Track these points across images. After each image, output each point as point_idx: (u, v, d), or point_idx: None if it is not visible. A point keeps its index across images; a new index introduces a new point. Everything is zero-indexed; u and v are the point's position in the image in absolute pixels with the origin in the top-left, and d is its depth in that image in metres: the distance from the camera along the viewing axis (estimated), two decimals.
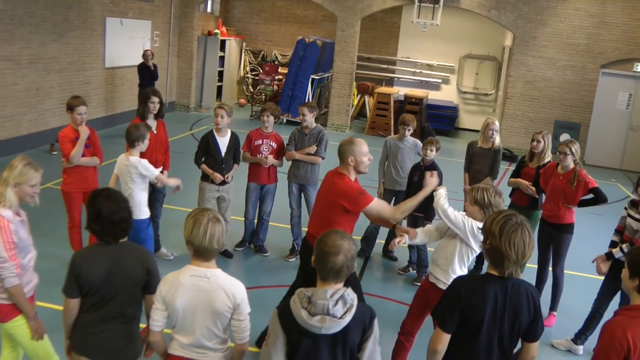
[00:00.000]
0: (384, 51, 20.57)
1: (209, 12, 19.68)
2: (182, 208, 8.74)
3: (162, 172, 7.24)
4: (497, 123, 7.92)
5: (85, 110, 6.72)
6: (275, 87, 19.20)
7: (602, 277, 6.33)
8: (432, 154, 7.52)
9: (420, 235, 5.17)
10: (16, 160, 4.14)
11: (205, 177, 7.53)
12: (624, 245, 5.91)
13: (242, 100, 20.85)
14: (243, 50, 21.61)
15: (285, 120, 18.06)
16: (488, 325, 3.43)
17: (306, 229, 5.49)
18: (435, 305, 3.62)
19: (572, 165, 6.74)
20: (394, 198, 8.09)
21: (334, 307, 3.08)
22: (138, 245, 3.87)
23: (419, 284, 7.30)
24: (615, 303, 6.21)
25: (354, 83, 18.57)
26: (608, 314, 6.28)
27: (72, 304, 3.73)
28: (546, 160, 7.33)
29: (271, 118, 7.73)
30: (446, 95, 20.23)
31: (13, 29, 11.47)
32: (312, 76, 17.97)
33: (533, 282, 7.29)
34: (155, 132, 7.17)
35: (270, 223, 8.12)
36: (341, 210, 5.01)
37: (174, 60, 18.30)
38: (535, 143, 7.43)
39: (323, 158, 7.80)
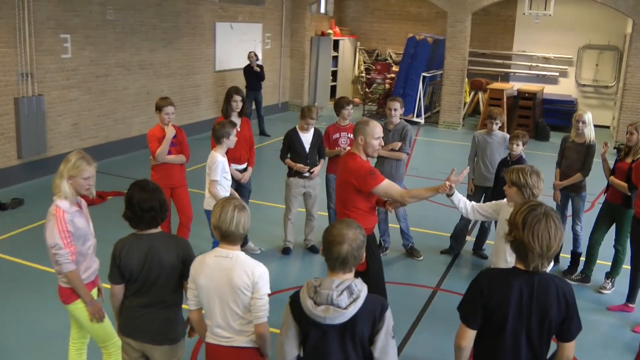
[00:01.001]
0: (499, 46, 20.10)
1: (323, 12, 20.02)
2: (270, 203, 9.08)
3: (246, 168, 7.60)
4: (587, 115, 7.54)
5: (172, 111, 7.10)
6: (387, 86, 19.27)
7: None
8: (518, 149, 7.38)
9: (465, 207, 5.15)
10: (72, 154, 4.43)
11: (291, 173, 7.80)
12: None
13: (357, 100, 21.02)
14: (357, 49, 21.83)
15: None
16: (514, 321, 3.29)
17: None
18: (461, 299, 3.52)
19: None
20: (484, 195, 8.00)
21: (338, 297, 3.10)
22: (175, 235, 4.13)
23: None
24: None
25: (466, 80, 18.31)
26: None
27: (116, 289, 4.06)
28: None
29: (352, 111, 7.92)
30: (564, 89, 19.46)
31: (124, 37, 12.37)
32: (424, 74, 17.88)
33: (625, 284, 7.04)
34: (239, 129, 7.50)
35: None
36: (353, 189, 5.10)
37: (287, 61, 18.82)
38: (628, 135, 7.08)
39: (408, 154, 7.84)
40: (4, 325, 6.07)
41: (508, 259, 4.68)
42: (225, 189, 6.70)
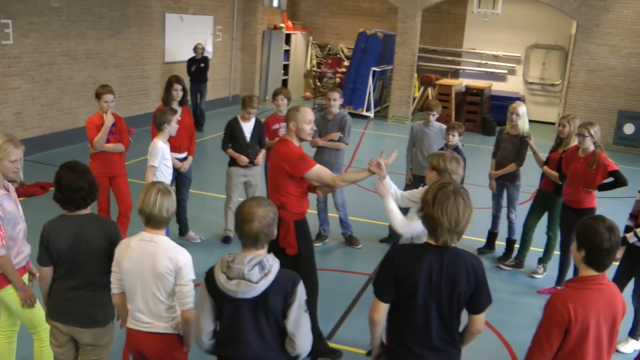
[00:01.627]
0: (449, 43, 20.39)
1: (276, 6, 20.02)
2: (211, 193, 9.10)
3: (186, 157, 7.59)
4: (521, 108, 7.75)
5: (112, 99, 7.05)
6: (338, 80, 19.39)
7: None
8: (454, 139, 7.53)
9: (395, 193, 5.15)
10: None
11: (232, 163, 7.82)
12: (638, 230, 5.74)
13: (307, 94, 21.15)
14: (310, 44, 21.90)
15: (347, 113, 18.18)
16: (424, 294, 3.38)
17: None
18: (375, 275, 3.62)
19: (592, 148, 6.60)
20: (422, 184, 8.13)
21: (249, 271, 3.17)
22: (103, 217, 4.12)
23: None
24: (629, 289, 6.10)
25: (416, 75, 18.53)
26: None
27: (44, 272, 4.04)
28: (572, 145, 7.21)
29: (285, 101, 7.97)
30: (512, 86, 19.86)
31: (69, 25, 12.18)
32: (374, 68, 18.05)
33: (556, 268, 7.25)
34: (179, 118, 7.49)
35: None
36: (285, 174, 5.16)
37: (238, 54, 18.79)
38: (561, 128, 7.31)
39: (347, 144, 7.93)
40: None
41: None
42: (164, 175, 6.67)
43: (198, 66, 14.74)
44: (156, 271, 3.66)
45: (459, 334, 3.56)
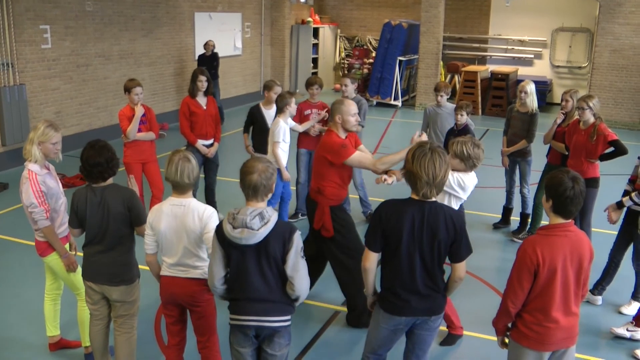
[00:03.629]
0: (475, 30, 20.61)
1: (303, 1, 20.47)
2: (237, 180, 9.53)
3: (212, 144, 8.11)
4: (529, 86, 8.04)
5: (140, 91, 7.56)
6: (366, 71, 19.77)
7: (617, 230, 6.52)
8: (463, 118, 7.81)
9: None
10: (40, 122, 5.00)
11: (255, 149, 8.26)
12: (633, 194, 6.00)
13: (337, 86, 21.54)
14: (338, 37, 22.32)
15: (375, 103, 18.62)
16: (407, 243, 3.80)
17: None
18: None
19: (592, 120, 6.86)
20: None
21: (251, 220, 3.64)
22: (123, 187, 4.62)
23: None
24: (630, 252, 6.37)
25: (441, 63, 18.81)
26: (623, 264, 6.54)
27: (74, 232, 4.67)
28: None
29: (319, 90, 8.42)
30: (539, 70, 19.98)
31: (103, 28, 12.87)
32: (400, 58, 18.38)
33: None
34: (205, 107, 8.01)
35: None
36: (327, 163, 5.56)
37: (267, 49, 19.32)
38: (564, 103, 7.60)
39: (362, 126, 8.33)
40: None
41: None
42: (284, 151, 7.57)
43: (211, 64, 14.67)
44: (188, 229, 4.22)
45: (442, 281, 4.00)
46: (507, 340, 4.04)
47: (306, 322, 6.10)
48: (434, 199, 3.86)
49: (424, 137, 5.51)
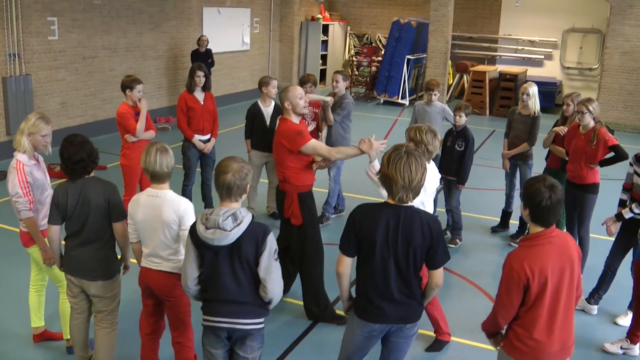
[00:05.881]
0: (485, 29, 20.49)
1: None
2: None
3: (209, 139, 8.08)
4: (532, 89, 7.96)
5: (142, 87, 7.39)
6: (374, 69, 19.71)
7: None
8: (461, 120, 7.73)
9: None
10: (31, 114, 5.01)
11: (253, 146, 8.24)
12: (633, 205, 5.86)
13: (346, 83, 21.48)
14: (347, 34, 22.26)
15: (382, 101, 18.57)
16: (381, 249, 3.69)
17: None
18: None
19: (592, 124, 6.72)
20: None
21: (223, 221, 3.59)
22: (103, 180, 4.60)
23: (454, 245, 7.69)
24: (627, 261, 6.19)
25: (450, 62, 18.71)
26: (620, 273, 6.42)
27: (53, 230, 4.59)
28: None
29: (312, 87, 8.37)
30: (549, 71, 19.84)
31: (110, 21, 12.91)
32: (408, 56, 18.30)
33: None
34: (202, 103, 7.97)
35: None
36: (285, 150, 5.58)
37: (276, 45, 19.30)
38: (565, 107, 7.53)
39: (335, 120, 8.18)
40: None
41: None
42: None
43: (204, 62, 14.01)
44: (163, 221, 4.24)
45: (419, 289, 3.89)
46: (498, 348, 3.93)
47: (291, 322, 6.05)
48: (410, 204, 3.76)
49: (383, 144, 5.34)
